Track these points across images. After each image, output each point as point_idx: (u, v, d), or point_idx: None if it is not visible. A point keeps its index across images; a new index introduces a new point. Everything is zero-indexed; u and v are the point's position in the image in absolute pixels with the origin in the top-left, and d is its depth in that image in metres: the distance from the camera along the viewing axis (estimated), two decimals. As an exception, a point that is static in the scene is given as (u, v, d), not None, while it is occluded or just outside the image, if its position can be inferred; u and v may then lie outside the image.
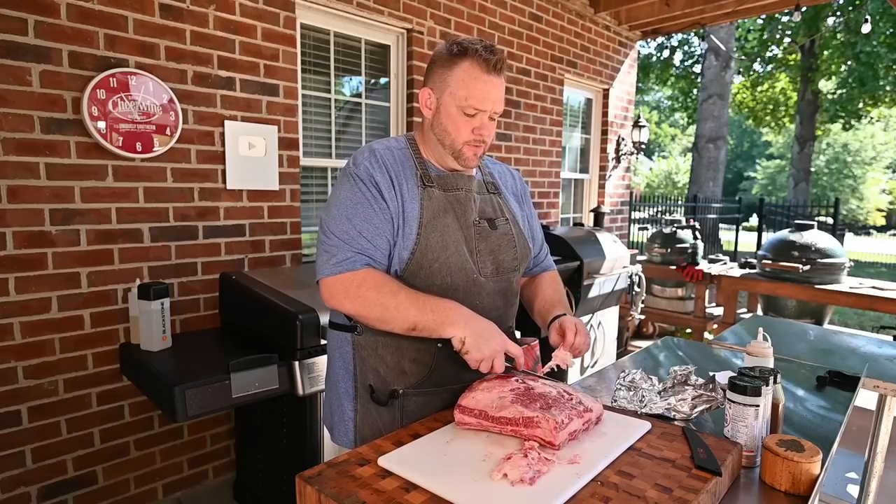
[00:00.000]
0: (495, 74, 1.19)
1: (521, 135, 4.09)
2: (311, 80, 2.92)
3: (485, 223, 1.29)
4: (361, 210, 1.17)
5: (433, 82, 1.23)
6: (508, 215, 1.35)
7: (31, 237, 1.99)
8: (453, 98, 1.19)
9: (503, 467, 0.86)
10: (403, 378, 1.22)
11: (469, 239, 1.25)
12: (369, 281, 1.14)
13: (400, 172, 1.23)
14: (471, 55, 1.18)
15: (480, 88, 1.18)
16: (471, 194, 1.29)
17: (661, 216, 9.46)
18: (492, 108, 1.21)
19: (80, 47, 2.03)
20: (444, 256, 1.20)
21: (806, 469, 0.93)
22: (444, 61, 1.21)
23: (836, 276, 4.31)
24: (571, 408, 1.00)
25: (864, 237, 21.20)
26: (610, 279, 3.88)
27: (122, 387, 2.25)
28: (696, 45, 14.47)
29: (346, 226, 1.16)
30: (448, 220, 1.22)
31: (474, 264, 1.24)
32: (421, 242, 1.19)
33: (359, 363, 1.26)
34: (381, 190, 1.19)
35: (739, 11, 4.89)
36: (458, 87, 1.18)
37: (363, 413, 1.26)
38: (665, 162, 28.82)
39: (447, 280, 1.21)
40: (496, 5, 3.72)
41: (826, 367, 1.75)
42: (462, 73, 1.18)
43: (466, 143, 1.22)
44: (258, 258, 2.63)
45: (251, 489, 2.40)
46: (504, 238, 1.31)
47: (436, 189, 1.24)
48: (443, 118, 1.22)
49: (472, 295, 1.24)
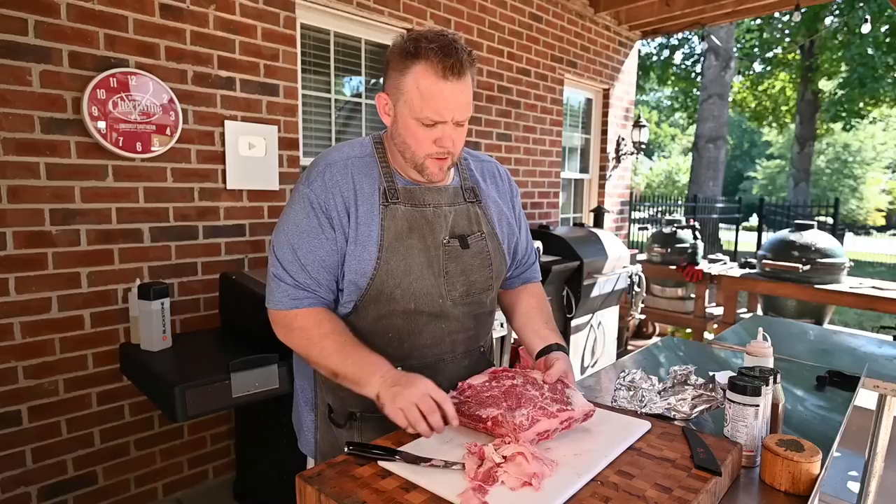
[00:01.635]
0: (455, 78, 1.02)
1: (521, 135, 4.09)
2: (311, 80, 2.92)
3: (455, 242, 1.16)
4: (307, 239, 1.09)
5: (388, 87, 1.09)
6: (486, 228, 1.22)
7: (32, 237, 1.99)
8: (409, 108, 1.04)
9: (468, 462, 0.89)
10: (361, 399, 1.11)
11: (436, 260, 1.14)
12: (300, 320, 1.09)
13: (359, 190, 1.10)
14: (424, 57, 1.01)
15: (437, 96, 1.02)
16: (440, 209, 1.16)
17: (661, 216, 9.46)
18: (452, 117, 1.05)
19: (80, 47, 2.03)
20: (407, 282, 1.10)
21: (806, 469, 0.93)
22: (397, 63, 1.05)
23: (836, 275, 4.31)
24: (540, 408, 0.99)
25: (864, 237, 21.19)
26: (610, 279, 3.89)
27: (122, 387, 2.25)
28: (697, 45, 14.47)
29: (290, 255, 1.09)
30: (412, 241, 1.11)
31: (441, 288, 1.14)
32: (381, 267, 1.09)
33: (319, 379, 1.21)
34: (331, 217, 1.09)
35: (739, 11, 4.89)
36: (412, 95, 1.03)
37: (324, 429, 1.21)
38: (665, 162, 28.82)
39: (410, 306, 1.12)
40: (496, 5, 3.72)
41: (826, 366, 1.75)
42: (415, 79, 1.02)
43: (428, 155, 1.08)
44: (258, 258, 2.63)
45: (251, 489, 2.40)
46: (478, 258, 1.19)
47: (400, 206, 1.12)
48: (401, 129, 1.08)
49: (437, 319, 1.16)
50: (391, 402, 0.97)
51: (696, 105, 13.51)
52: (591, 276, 3.66)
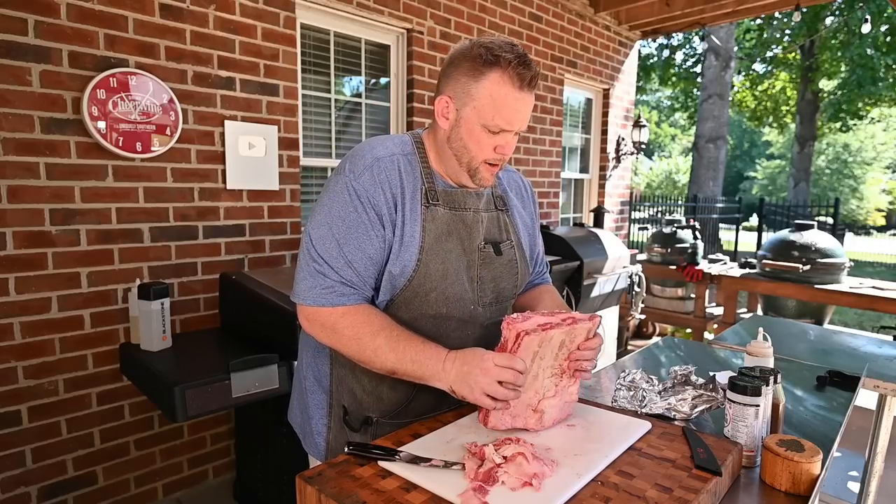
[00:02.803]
0: (528, 91, 1.06)
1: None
2: (311, 80, 2.92)
3: (490, 248, 1.17)
4: (355, 234, 1.05)
5: (453, 90, 1.07)
6: (514, 237, 1.24)
7: (31, 237, 1.99)
8: (478, 114, 1.05)
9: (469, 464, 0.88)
10: (380, 404, 1.13)
11: (471, 265, 1.14)
12: (349, 318, 1.05)
13: (403, 189, 1.09)
14: (503, 67, 1.03)
15: (511, 106, 1.04)
16: (478, 214, 1.17)
17: (661, 216, 9.45)
18: (519, 127, 1.08)
19: (80, 47, 2.03)
20: (444, 286, 1.10)
21: (806, 469, 0.93)
22: (469, 69, 1.05)
23: (836, 275, 4.31)
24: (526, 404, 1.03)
25: (864, 237, 21.20)
26: (610, 279, 3.89)
27: (122, 387, 2.25)
28: (697, 45, 14.48)
29: (334, 250, 1.05)
30: (451, 244, 1.11)
31: (473, 293, 1.14)
32: (420, 270, 1.08)
33: (335, 381, 1.19)
34: (381, 214, 1.07)
35: (739, 11, 4.89)
36: (485, 102, 1.04)
37: (336, 432, 1.19)
38: (665, 162, 28.82)
39: (442, 311, 1.12)
40: (496, 5, 3.72)
41: (826, 367, 1.75)
42: (491, 87, 1.03)
43: (486, 161, 1.10)
44: (258, 258, 2.63)
45: (251, 489, 2.40)
46: (508, 265, 1.20)
47: (440, 208, 1.11)
48: (463, 133, 1.08)
49: (465, 324, 1.16)
50: (470, 395, 0.99)
51: (696, 105, 13.51)
52: (591, 276, 3.66)
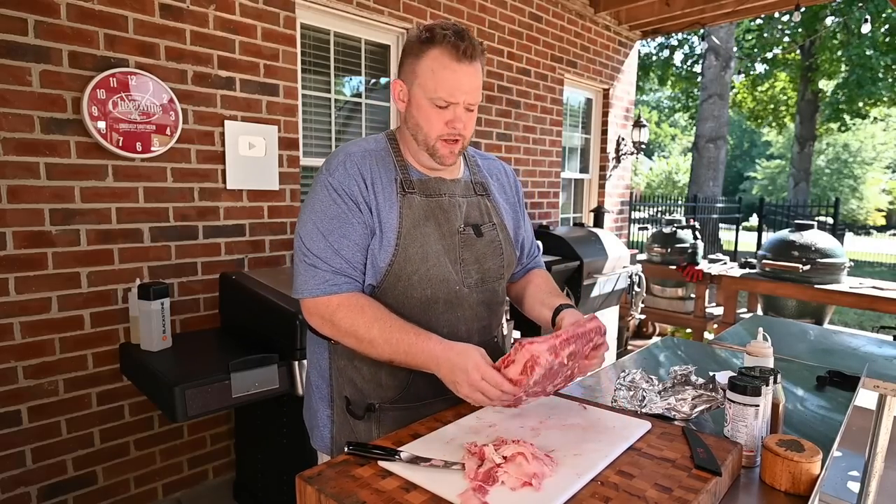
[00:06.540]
0: (467, 62, 1.10)
1: (521, 135, 4.09)
2: (311, 80, 2.92)
3: (470, 230, 1.21)
4: (338, 225, 1.11)
5: (404, 73, 1.16)
6: (496, 219, 1.28)
7: (31, 237, 1.99)
8: (423, 90, 1.11)
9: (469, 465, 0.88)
10: (380, 391, 1.17)
11: (452, 248, 1.18)
12: (343, 311, 1.10)
13: (377, 179, 1.15)
14: (439, 42, 1.09)
15: (450, 78, 1.10)
16: (455, 199, 1.22)
17: (661, 216, 9.46)
18: (465, 100, 1.12)
19: (80, 47, 2.03)
20: (425, 268, 1.14)
21: (806, 469, 0.93)
22: (413, 49, 1.12)
23: (836, 275, 4.31)
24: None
25: (864, 237, 21.19)
26: (610, 279, 3.89)
27: (122, 387, 2.25)
28: (697, 45, 14.47)
29: (321, 242, 1.11)
30: (429, 228, 1.16)
31: (457, 274, 1.18)
32: (399, 254, 1.12)
33: (335, 372, 1.22)
34: (357, 201, 1.13)
35: (739, 11, 4.89)
36: (426, 77, 1.10)
37: (340, 423, 1.22)
38: (665, 162, 28.82)
39: (427, 293, 1.15)
40: (496, 5, 3.72)
41: (826, 367, 1.75)
42: (430, 62, 1.10)
43: (440, 137, 1.14)
44: (258, 258, 2.63)
45: (251, 489, 2.40)
46: (490, 246, 1.24)
47: (416, 195, 1.17)
48: (414, 111, 1.15)
49: (453, 307, 1.19)
50: (458, 391, 1.02)
51: (696, 105, 13.51)
52: (591, 276, 3.66)
